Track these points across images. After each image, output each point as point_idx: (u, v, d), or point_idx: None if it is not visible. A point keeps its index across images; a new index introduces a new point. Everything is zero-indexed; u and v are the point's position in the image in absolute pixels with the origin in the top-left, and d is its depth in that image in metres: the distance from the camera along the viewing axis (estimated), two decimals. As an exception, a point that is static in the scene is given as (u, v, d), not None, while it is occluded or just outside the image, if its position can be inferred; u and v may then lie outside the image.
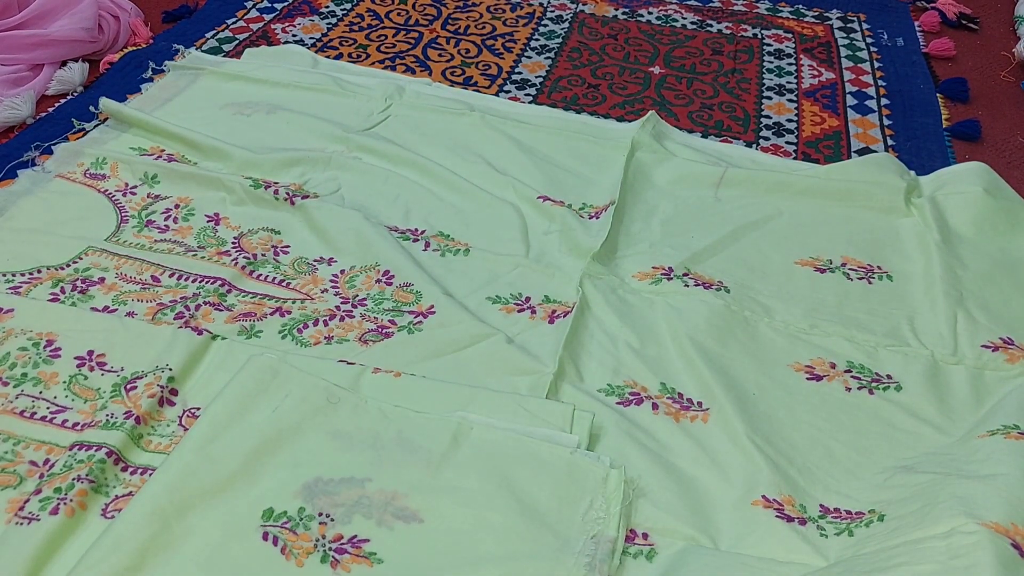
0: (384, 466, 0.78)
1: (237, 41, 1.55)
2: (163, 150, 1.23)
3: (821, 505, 0.78)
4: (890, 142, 1.34)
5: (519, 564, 0.71)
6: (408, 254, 1.05)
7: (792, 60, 1.55)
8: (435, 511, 0.75)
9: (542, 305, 0.99)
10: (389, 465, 0.78)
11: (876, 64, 1.54)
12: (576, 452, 0.79)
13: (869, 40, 1.62)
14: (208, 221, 1.10)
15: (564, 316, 0.97)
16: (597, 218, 1.12)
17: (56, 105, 1.36)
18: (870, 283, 1.04)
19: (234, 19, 1.63)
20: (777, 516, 0.77)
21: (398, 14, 1.67)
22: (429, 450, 0.79)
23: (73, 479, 0.76)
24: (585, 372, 0.92)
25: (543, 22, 1.66)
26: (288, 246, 1.07)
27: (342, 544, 0.73)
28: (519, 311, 0.99)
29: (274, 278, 1.02)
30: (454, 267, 1.05)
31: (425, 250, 1.07)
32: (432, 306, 0.98)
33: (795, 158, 1.29)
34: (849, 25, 1.67)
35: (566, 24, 1.65)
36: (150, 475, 0.76)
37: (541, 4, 1.72)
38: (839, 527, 0.76)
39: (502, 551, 0.72)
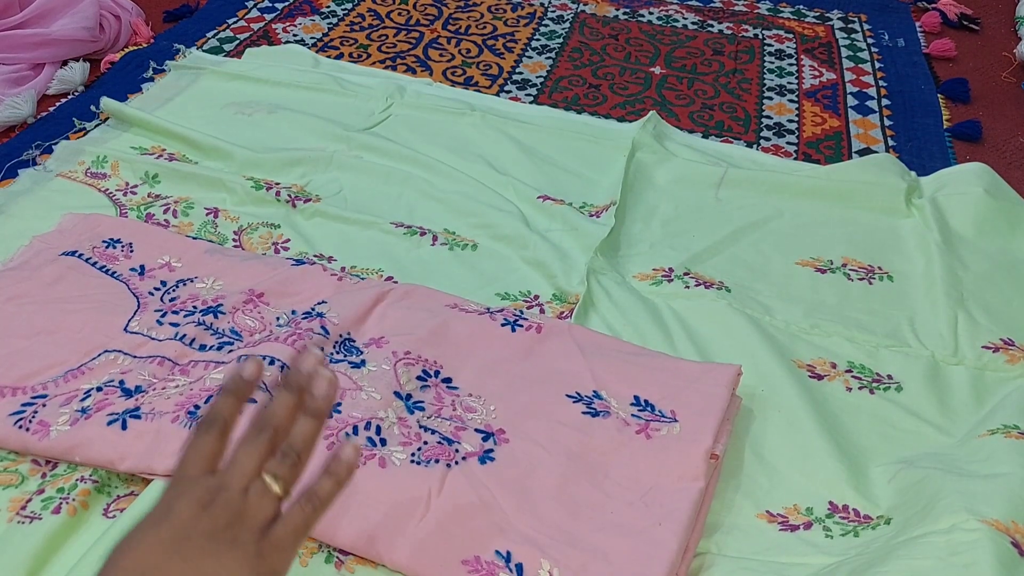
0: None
1: (238, 41, 1.55)
2: (164, 149, 1.23)
3: (830, 502, 0.78)
4: (891, 143, 1.34)
5: None
6: (414, 259, 1.05)
7: (793, 60, 1.56)
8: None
9: (550, 303, 1.00)
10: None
11: (877, 65, 1.55)
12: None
13: (870, 40, 1.62)
14: (208, 215, 1.11)
15: (570, 315, 0.97)
16: (598, 217, 1.12)
17: (57, 104, 1.36)
18: (871, 283, 1.04)
19: (235, 19, 1.63)
20: (781, 529, 0.76)
21: (399, 14, 1.67)
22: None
23: (76, 479, 0.76)
24: (586, 372, 0.92)
25: (544, 22, 1.66)
26: (288, 240, 1.08)
27: (344, 544, 0.73)
28: (528, 309, 0.99)
29: (275, 278, 1.03)
30: (464, 261, 1.06)
31: (433, 244, 1.08)
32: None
33: (796, 158, 1.29)
34: (850, 26, 1.68)
35: (567, 24, 1.65)
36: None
37: (542, 4, 1.72)
38: (845, 528, 0.76)
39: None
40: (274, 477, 0.49)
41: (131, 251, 1.00)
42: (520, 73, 1.50)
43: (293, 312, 0.91)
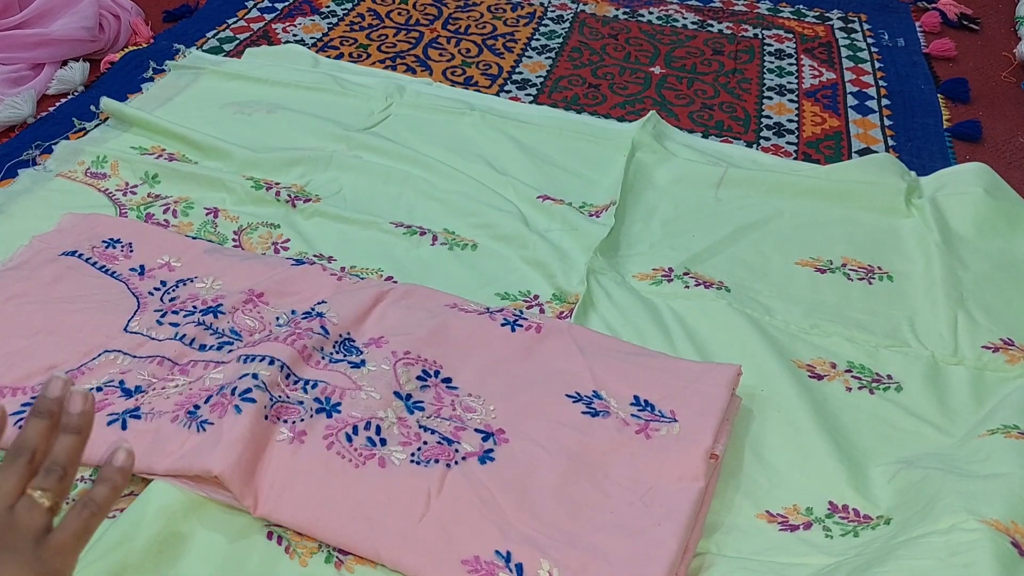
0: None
1: (238, 41, 1.55)
2: (164, 149, 1.23)
3: (830, 502, 0.78)
4: (891, 142, 1.34)
5: None
6: (414, 258, 1.05)
7: (793, 60, 1.56)
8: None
9: (550, 303, 1.00)
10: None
11: (877, 64, 1.55)
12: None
13: (870, 40, 1.62)
14: (207, 215, 1.11)
15: (570, 315, 0.97)
16: (598, 217, 1.12)
17: (57, 104, 1.36)
18: (870, 283, 1.04)
19: (235, 19, 1.63)
20: (781, 529, 0.77)
21: (399, 14, 1.67)
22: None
23: (76, 480, 0.76)
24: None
25: (544, 22, 1.66)
26: (288, 240, 1.08)
27: (344, 543, 0.73)
28: (528, 309, 0.99)
29: (275, 277, 1.02)
30: (464, 261, 1.06)
31: (433, 244, 1.08)
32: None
33: (796, 158, 1.29)
34: (850, 25, 1.68)
35: (567, 24, 1.65)
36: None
37: (542, 4, 1.72)
38: (845, 528, 0.76)
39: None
40: (41, 491, 0.51)
41: (131, 251, 1.00)
42: (520, 73, 1.50)
43: (293, 312, 0.91)
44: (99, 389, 0.82)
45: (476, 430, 0.80)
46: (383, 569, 0.71)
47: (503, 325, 0.90)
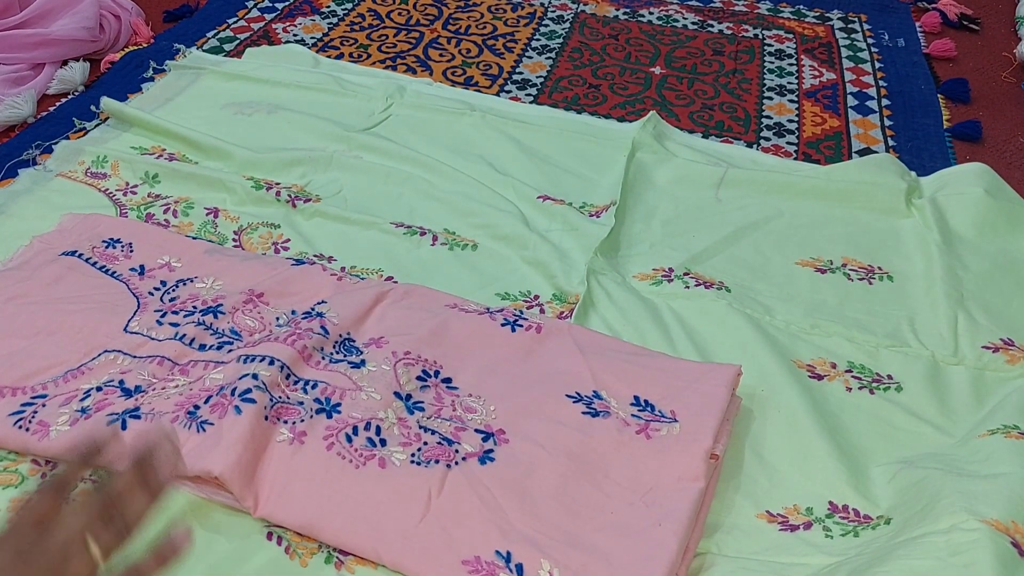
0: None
1: (238, 41, 1.56)
2: (164, 149, 1.23)
3: (830, 502, 0.78)
4: (891, 143, 1.34)
5: None
6: (414, 259, 1.05)
7: (793, 60, 1.56)
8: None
9: (551, 304, 1.00)
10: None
11: (877, 65, 1.55)
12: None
13: (870, 41, 1.62)
14: (208, 215, 1.11)
15: (570, 315, 0.97)
16: (598, 217, 1.12)
17: (57, 104, 1.36)
18: (871, 284, 1.04)
19: (235, 19, 1.63)
20: (781, 529, 0.77)
21: (399, 14, 1.67)
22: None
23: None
24: (586, 372, 0.92)
25: (544, 22, 1.66)
26: (288, 240, 1.08)
27: (344, 544, 0.73)
28: (528, 309, 0.99)
29: (275, 278, 1.02)
30: (464, 261, 1.06)
31: (433, 244, 1.08)
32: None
33: (796, 159, 1.29)
34: (850, 26, 1.68)
35: (567, 24, 1.65)
36: (152, 474, 0.76)
37: (542, 4, 1.72)
38: (845, 528, 0.76)
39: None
40: (96, 540, 0.50)
41: (131, 251, 1.00)
42: (520, 73, 1.50)
43: (293, 312, 0.91)
44: (99, 389, 0.82)
45: (476, 430, 0.80)
46: (383, 570, 0.71)
47: (503, 325, 0.90)
